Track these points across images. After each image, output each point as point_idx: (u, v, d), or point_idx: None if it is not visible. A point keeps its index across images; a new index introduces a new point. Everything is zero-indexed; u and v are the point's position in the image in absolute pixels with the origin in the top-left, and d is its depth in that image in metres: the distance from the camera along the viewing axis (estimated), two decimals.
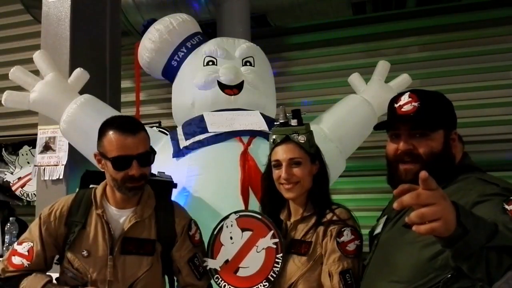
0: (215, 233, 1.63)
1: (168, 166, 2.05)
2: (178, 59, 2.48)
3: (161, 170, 1.90)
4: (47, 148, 2.82)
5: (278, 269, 1.51)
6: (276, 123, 1.70)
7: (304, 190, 1.55)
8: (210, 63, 2.34)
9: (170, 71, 2.52)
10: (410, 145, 1.28)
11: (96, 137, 1.55)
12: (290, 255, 1.52)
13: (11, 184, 4.69)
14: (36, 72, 2.36)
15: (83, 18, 2.94)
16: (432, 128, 1.28)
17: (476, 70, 3.99)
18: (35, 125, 2.93)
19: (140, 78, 3.65)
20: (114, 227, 1.55)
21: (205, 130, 2.17)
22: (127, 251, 1.54)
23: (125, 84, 3.79)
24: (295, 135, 1.55)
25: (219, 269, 1.59)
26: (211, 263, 1.60)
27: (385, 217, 1.42)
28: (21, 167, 4.72)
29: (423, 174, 0.87)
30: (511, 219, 1.02)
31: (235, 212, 1.64)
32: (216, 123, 2.18)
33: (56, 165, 2.77)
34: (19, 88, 2.32)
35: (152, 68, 2.57)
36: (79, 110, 2.26)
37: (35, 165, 2.86)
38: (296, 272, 1.48)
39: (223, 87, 2.28)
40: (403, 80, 2.67)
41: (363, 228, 1.53)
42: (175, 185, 1.88)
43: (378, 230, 1.42)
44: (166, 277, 1.69)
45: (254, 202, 1.91)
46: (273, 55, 3.90)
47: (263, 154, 1.81)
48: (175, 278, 1.69)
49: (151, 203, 1.62)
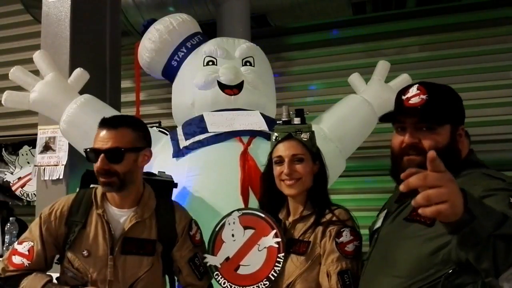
0: (216, 229, 1.62)
1: (168, 166, 2.05)
2: (178, 59, 2.48)
3: (161, 170, 1.91)
4: (47, 148, 2.82)
5: (279, 268, 1.51)
6: (278, 122, 1.70)
7: (305, 188, 1.55)
8: (210, 63, 2.34)
9: (170, 71, 2.51)
10: (416, 138, 1.25)
11: None
12: (288, 254, 1.52)
13: (11, 184, 4.69)
14: (36, 72, 2.36)
15: (83, 18, 2.93)
16: (439, 122, 1.25)
17: (476, 70, 4.00)
18: (35, 125, 2.93)
19: (140, 78, 3.65)
20: (114, 227, 1.55)
21: (205, 130, 2.17)
22: (127, 251, 1.54)
23: (125, 84, 3.80)
24: (298, 133, 1.55)
25: (219, 266, 1.58)
26: (211, 260, 1.60)
27: (385, 211, 1.40)
28: (21, 167, 4.73)
29: (431, 153, 0.85)
30: None
31: (238, 210, 1.64)
32: (216, 123, 2.18)
33: (56, 165, 2.77)
34: (19, 88, 2.32)
35: (152, 68, 2.57)
36: (79, 110, 2.26)
37: (35, 165, 2.86)
38: (294, 272, 1.48)
39: (223, 87, 2.28)
40: (403, 80, 2.67)
41: (363, 228, 1.52)
42: (175, 185, 1.89)
43: (378, 224, 1.40)
44: (166, 277, 1.68)
45: (254, 202, 1.90)
46: (273, 55, 3.90)
47: (263, 154, 1.81)
48: (175, 278, 1.69)
49: (151, 203, 1.62)
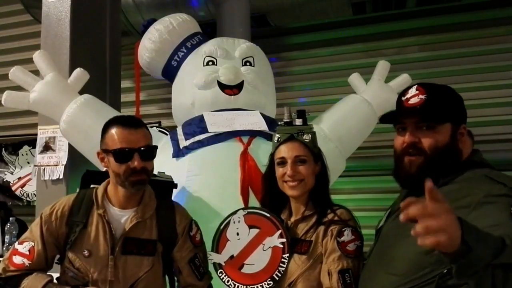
0: (221, 227, 1.62)
1: (168, 166, 2.05)
2: (178, 59, 2.47)
3: (161, 170, 1.90)
4: (47, 148, 2.82)
5: (283, 269, 1.51)
6: (280, 123, 1.70)
7: (307, 189, 1.55)
8: (210, 63, 2.34)
9: (170, 71, 2.51)
10: (415, 137, 1.27)
11: (96, 137, 1.56)
12: (290, 253, 1.52)
13: (11, 184, 4.70)
14: (36, 72, 2.36)
15: (83, 18, 2.94)
16: (439, 121, 1.26)
17: (476, 70, 3.99)
18: (35, 125, 2.93)
19: (140, 78, 3.66)
20: (115, 227, 1.55)
21: (205, 130, 2.16)
22: (128, 251, 1.54)
23: (125, 84, 3.80)
24: (300, 134, 1.56)
25: (223, 264, 1.58)
26: (215, 257, 1.59)
27: (389, 210, 1.42)
28: (21, 167, 4.73)
29: (428, 184, 0.87)
30: None
31: (243, 209, 1.64)
32: (216, 123, 2.18)
33: (56, 165, 2.77)
34: (19, 88, 2.32)
35: (152, 68, 2.57)
36: (78, 110, 2.26)
37: (35, 165, 2.86)
38: (296, 271, 1.48)
39: (223, 87, 2.27)
40: (403, 80, 2.67)
41: (364, 228, 1.53)
42: (175, 185, 1.88)
43: (381, 223, 1.42)
44: (166, 277, 1.69)
45: (254, 202, 1.90)
46: (273, 55, 3.90)
47: (263, 154, 1.81)
48: (175, 278, 1.69)
49: (152, 204, 1.62)
